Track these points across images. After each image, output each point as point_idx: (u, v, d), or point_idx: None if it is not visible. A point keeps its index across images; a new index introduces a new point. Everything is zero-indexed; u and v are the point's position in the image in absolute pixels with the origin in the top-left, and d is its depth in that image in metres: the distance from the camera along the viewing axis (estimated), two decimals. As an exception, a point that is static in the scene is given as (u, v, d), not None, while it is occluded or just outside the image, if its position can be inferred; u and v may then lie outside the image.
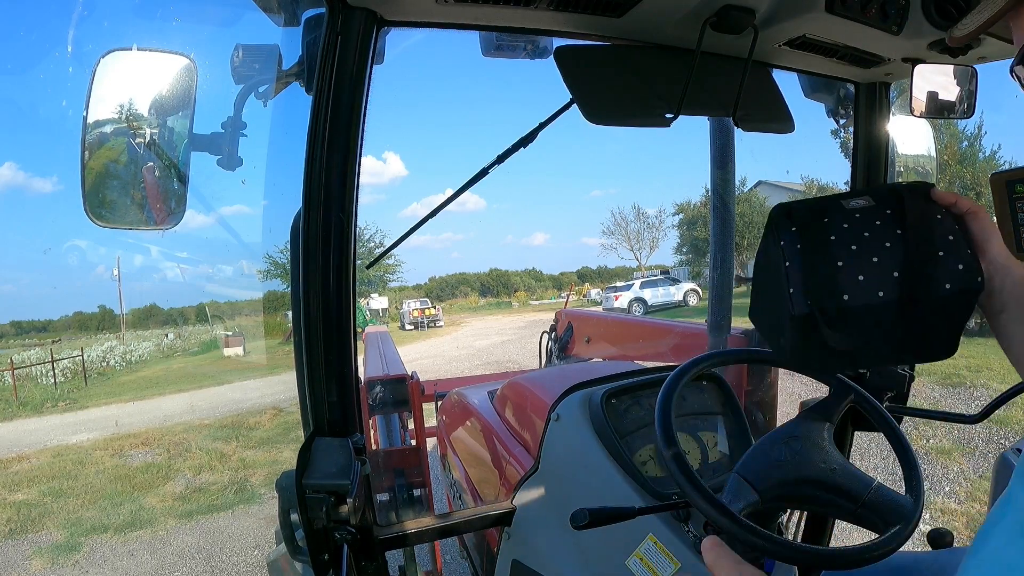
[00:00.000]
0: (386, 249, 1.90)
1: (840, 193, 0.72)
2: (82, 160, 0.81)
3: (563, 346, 3.01)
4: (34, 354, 22.43)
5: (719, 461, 1.25)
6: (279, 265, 20.48)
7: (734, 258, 1.78)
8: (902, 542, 0.91)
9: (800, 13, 1.01)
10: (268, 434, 7.64)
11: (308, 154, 0.92)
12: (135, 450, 7.48)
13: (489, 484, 1.67)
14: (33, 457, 7.67)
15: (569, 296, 15.25)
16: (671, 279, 28.47)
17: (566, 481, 1.17)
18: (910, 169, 1.46)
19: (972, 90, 1.19)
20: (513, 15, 1.01)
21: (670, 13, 1.01)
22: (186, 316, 36.25)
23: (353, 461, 0.92)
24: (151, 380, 16.01)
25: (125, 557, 4.31)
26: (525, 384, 1.70)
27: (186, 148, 0.86)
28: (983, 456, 4.51)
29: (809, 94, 1.42)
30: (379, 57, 0.99)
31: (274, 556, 1.16)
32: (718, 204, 1.67)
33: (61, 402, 12.74)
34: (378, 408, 2.21)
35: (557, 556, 1.14)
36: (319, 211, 0.92)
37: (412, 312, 28.06)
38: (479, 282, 65.61)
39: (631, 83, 1.11)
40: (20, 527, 5.10)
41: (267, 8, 0.95)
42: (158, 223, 0.87)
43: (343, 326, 0.96)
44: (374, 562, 1.02)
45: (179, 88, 0.84)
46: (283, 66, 0.96)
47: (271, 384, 11.21)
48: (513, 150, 1.22)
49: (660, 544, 1.03)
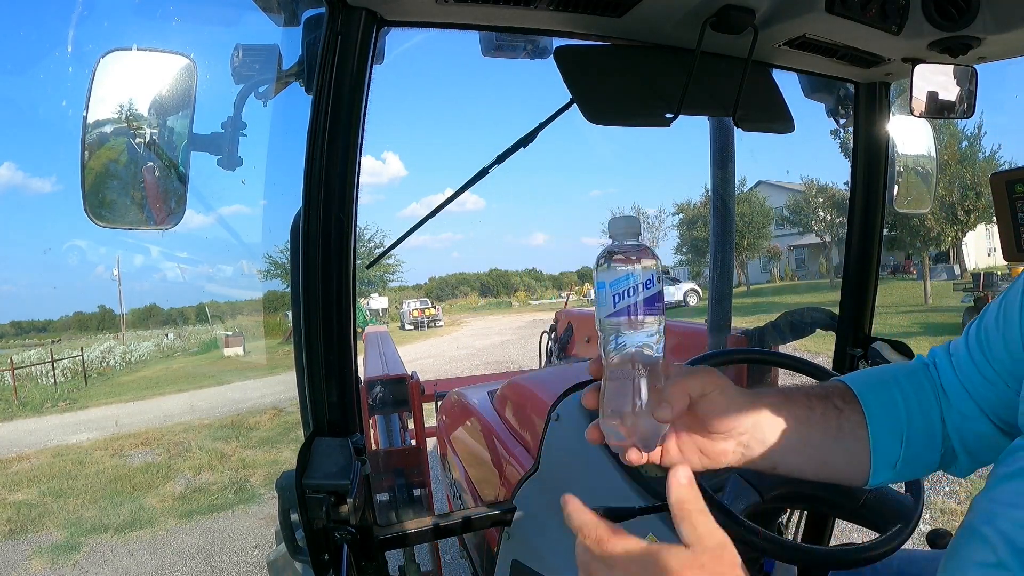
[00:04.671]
0: (386, 249, 1.90)
1: None
2: (82, 160, 0.81)
3: (563, 346, 3.01)
4: (34, 354, 22.45)
5: (719, 461, 1.25)
6: (279, 265, 20.51)
7: (734, 258, 1.78)
8: (902, 542, 0.91)
9: (800, 13, 1.01)
10: (268, 434, 7.64)
11: (308, 154, 0.91)
12: (135, 450, 7.48)
13: (489, 484, 1.67)
14: (33, 457, 7.67)
15: (569, 296, 15.24)
16: (671, 279, 28.50)
17: (566, 481, 1.17)
18: (910, 169, 1.46)
19: (972, 90, 1.19)
20: (513, 15, 1.01)
21: (670, 13, 1.01)
22: (186, 316, 36.32)
23: (353, 461, 0.92)
24: (151, 380, 16.01)
25: (125, 557, 4.31)
26: (525, 384, 1.70)
27: (186, 148, 0.86)
28: (983, 456, 4.51)
29: (809, 94, 1.42)
30: (379, 57, 0.99)
31: (274, 556, 1.16)
32: (718, 204, 1.67)
33: (61, 402, 12.74)
34: (378, 408, 2.21)
35: (557, 556, 1.14)
36: (319, 211, 0.92)
37: (412, 312, 28.08)
38: (479, 282, 65.65)
39: (631, 83, 1.11)
40: (20, 527, 5.10)
41: (267, 8, 0.95)
42: (158, 223, 0.87)
43: (343, 326, 0.96)
44: (374, 562, 1.02)
45: (179, 88, 0.84)
46: (283, 66, 0.96)
47: (271, 384, 11.22)
48: (513, 150, 1.22)
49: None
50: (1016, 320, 0.59)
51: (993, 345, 0.62)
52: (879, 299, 1.50)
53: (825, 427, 0.63)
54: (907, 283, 22.80)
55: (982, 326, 0.64)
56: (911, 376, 0.67)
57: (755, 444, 0.61)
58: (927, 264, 18.93)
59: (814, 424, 0.63)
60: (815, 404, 0.64)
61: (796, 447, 0.62)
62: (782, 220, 31.27)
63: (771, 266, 36.12)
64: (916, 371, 0.68)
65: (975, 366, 0.63)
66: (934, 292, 16.66)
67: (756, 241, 30.07)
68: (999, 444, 0.63)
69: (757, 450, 0.62)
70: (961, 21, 1.00)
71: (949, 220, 16.76)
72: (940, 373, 0.67)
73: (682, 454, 0.61)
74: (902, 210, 1.48)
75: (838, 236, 24.23)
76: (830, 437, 0.63)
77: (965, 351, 0.65)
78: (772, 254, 34.55)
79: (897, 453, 0.63)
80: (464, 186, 1.29)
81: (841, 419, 0.63)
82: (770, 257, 35.01)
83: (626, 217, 0.55)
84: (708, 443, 0.61)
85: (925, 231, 16.63)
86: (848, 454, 0.63)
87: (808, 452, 0.63)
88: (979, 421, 0.63)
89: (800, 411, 0.63)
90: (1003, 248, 1.14)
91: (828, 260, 29.91)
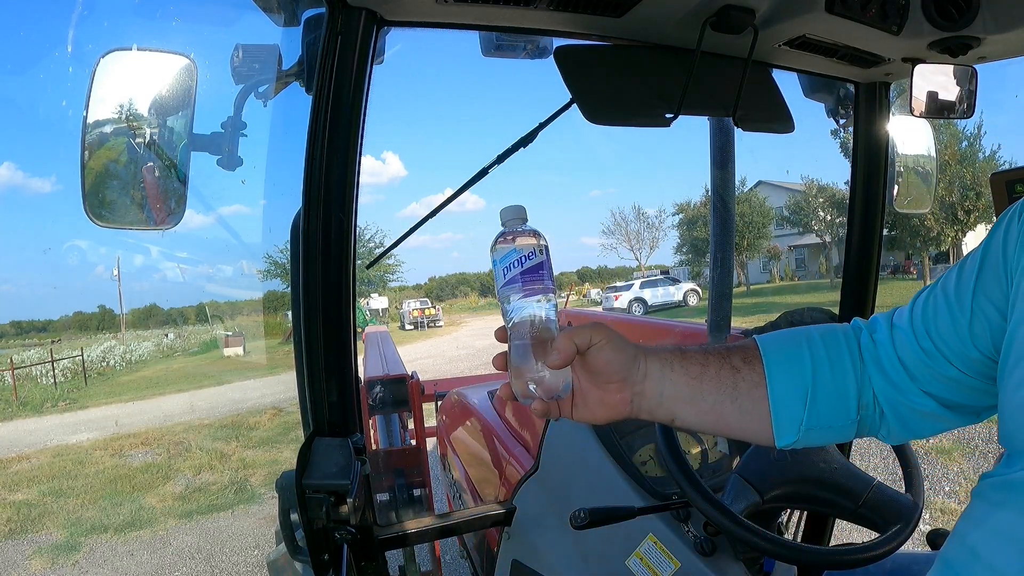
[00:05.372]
0: (386, 249, 1.89)
1: None
2: (82, 160, 0.81)
3: (563, 346, 3.00)
4: (34, 354, 22.42)
5: (719, 461, 1.25)
6: (279, 265, 20.50)
7: (734, 258, 1.78)
8: (902, 542, 0.91)
9: (800, 13, 1.01)
10: (268, 434, 7.64)
11: (308, 154, 0.91)
12: (135, 450, 7.48)
13: (489, 484, 1.67)
14: (33, 457, 7.67)
15: (569, 296, 15.24)
16: (671, 279, 28.50)
17: (566, 481, 1.17)
18: (910, 169, 1.46)
19: (972, 90, 1.19)
20: (513, 15, 1.01)
21: (670, 13, 1.01)
22: (186, 316, 36.30)
23: (353, 461, 0.92)
24: (151, 380, 16.00)
25: (125, 557, 4.31)
26: (525, 384, 1.70)
27: (186, 148, 0.86)
28: (983, 456, 4.51)
29: (809, 94, 1.42)
30: (379, 57, 0.99)
31: (274, 556, 1.16)
32: (718, 204, 1.67)
33: (61, 402, 12.74)
34: (378, 408, 2.21)
35: (557, 556, 1.14)
36: (319, 211, 0.92)
37: (412, 312, 28.07)
38: (479, 282, 65.64)
39: (631, 83, 1.11)
40: (20, 527, 5.10)
41: (267, 8, 0.95)
42: (158, 223, 0.87)
43: (343, 326, 0.96)
44: (374, 562, 1.02)
45: (179, 88, 0.84)
46: (283, 66, 0.96)
47: (271, 384, 11.21)
48: (513, 150, 1.21)
49: (660, 544, 1.04)
50: (968, 300, 0.58)
51: (940, 319, 0.60)
52: (879, 299, 1.50)
53: (719, 386, 0.64)
54: (907, 283, 22.79)
55: (932, 296, 0.62)
56: (827, 337, 0.66)
57: (649, 395, 0.63)
58: (927, 264, 18.93)
59: (706, 381, 0.64)
60: (710, 361, 0.65)
61: (689, 401, 0.64)
62: (782, 220, 31.26)
63: (771, 266, 36.11)
64: (835, 333, 0.67)
65: (915, 338, 0.62)
66: (934, 292, 16.63)
67: (756, 241, 30.06)
68: (938, 419, 0.63)
69: (652, 401, 0.63)
70: (961, 21, 1.00)
71: (949, 220, 16.77)
72: (876, 343, 0.65)
73: (587, 407, 0.64)
74: (902, 210, 1.48)
75: (838, 236, 24.22)
76: (725, 396, 0.64)
77: (908, 322, 0.63)
78: (772, 254, 34.54)
79: (800, 415, 0.63)
80: (464, 186, 1.29)
81: (737, 378, 0.64)
82: (770, 257, 35.01)
83: (513, 207, 0.63)
84: (605, 394, 0.63)
85: (925, 231, 16.64)
86: (745, 413, 0.64)
87: (702, 408, 0.64)
88: (915, 395, 0.62)
89: (693, 367, 0.64)
90: (1003, 248, 1.14)
91: (828, 260, 29.90)
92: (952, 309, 0.59)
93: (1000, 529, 0.48)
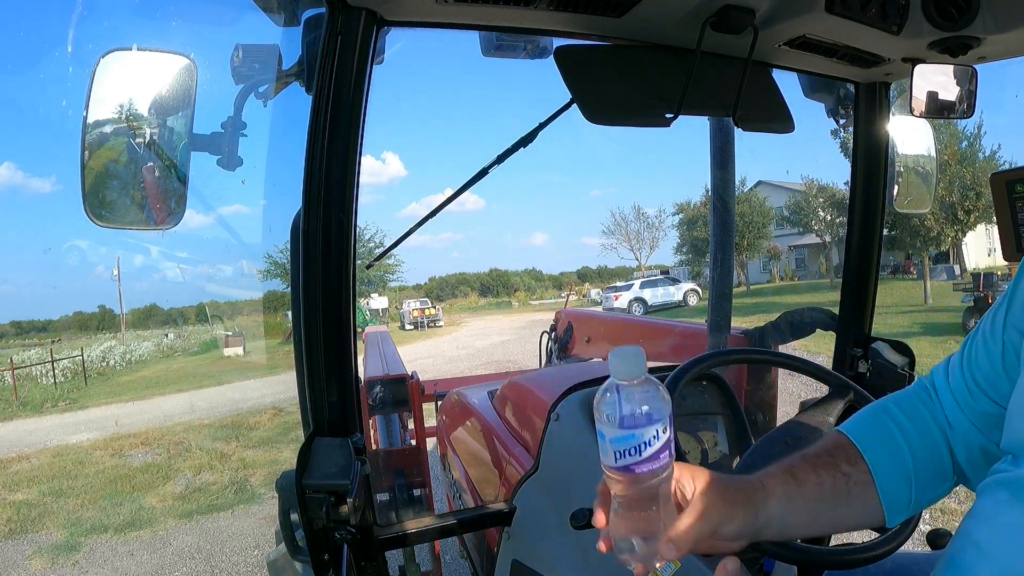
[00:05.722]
0: (386, 249, 1.90)
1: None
2: (82, 160, 0.81)
3: (563, 346, 3.00)
4: (34, 354, 22.44)
5: (719, 461, 1.25)
6: (279, 265, 20.48)
7: (734, 258, 1.78)
8: (902, 542, 0.91)
9: (800, 13, 1.01)
10: (268, 434, 7.64)
11: (308, 154, 0.91)
12: (135, 450, 7.48)
13: (489, 484, 1.67)
14: (33, 457, 7.67)
15: (569, 296, 15.25)
16: (671, 279, 28.50)
17: (566, 481, 1.17)
18: (910, 169, 1.46)
19: (972, 90, 1.19)
20: (513, 15, 1.01)
21: (670, 13, 1.01)
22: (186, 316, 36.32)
23: (353, 461, 0.92)
24: (151, 380, 16.01)
25: (125, 557, 4.31)
26: (525, 384, 1.70)
27: (186, 148, 0.86)
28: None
29: (809, 94, 1.42)
30: (379, 57, 0.99)
31: (274, 556, 1.16)
32: (718, 204, 1.67)
33: (61, 402, 12.74)
34: (378, 408, 2.21)
35: (557, 556, 1.14)
36: (319, 211, 0.92)
37: (412, 312, 28.07)
38: (479, 282, 65.67)
39: (631, 83, 1.11)
40: (20, 527, 5.10)
41: (267, 8, 0.95)
42: (158, 223, 0.87)
43: (343, 326, 0.96)
44: (374, 562, 1.02)
45: (179, 88, 0.84)
46: (283, 66, 0.96)
47: (271, 384, 11.21)
48: (513, 150, 1.22)
49: None
50: (1000, 334, 0.59)
51: (978, 354, 0.63)
52: (879, 299, 1.50)
53: (835, 497, 0.64)
54: (907, 283, 22.80)
55: (976, 334, 0.64)
56: (909, 409, 0.68)
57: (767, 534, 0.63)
58: (927, 264, 18.91)
59: (824, 501, 0.64)
60: (823, 478, 0.64)
61: (807, 524, 0.64)
62: (782, 220, 31.25)
63: (771, 266, 36.11)
64: (913, 402, 0.68)
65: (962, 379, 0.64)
66: (934, 292, 16.65)
67: (756, 241, 30.05)
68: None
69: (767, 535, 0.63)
70: (961, 21, 1.00)
71: (949, 220, 16.75)
72: (940, 398, 0.67)
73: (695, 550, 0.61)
74: (902, 210, 1.48)
75: (838, 236, 24.20)
76: (840, 502, 0.64)
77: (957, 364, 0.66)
78: (772, 254, 34.54)
79: (907, 495, 0.65)
80: (464, 186, 1.29)
81: (850, 483, 0.64)
82: (770, 257, 35.00)
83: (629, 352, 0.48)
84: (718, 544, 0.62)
85: (925, 231, 16.61)
86: (860, 510, 0.65)
87: (821, 521, 0.65)
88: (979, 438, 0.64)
89: (810, 490, 0.64)
90: (1003, 248, 1.14)
91: (828, 260, 29.89)
92: (987, 343, 0.62)
93: (1007, 525, 0.48)
